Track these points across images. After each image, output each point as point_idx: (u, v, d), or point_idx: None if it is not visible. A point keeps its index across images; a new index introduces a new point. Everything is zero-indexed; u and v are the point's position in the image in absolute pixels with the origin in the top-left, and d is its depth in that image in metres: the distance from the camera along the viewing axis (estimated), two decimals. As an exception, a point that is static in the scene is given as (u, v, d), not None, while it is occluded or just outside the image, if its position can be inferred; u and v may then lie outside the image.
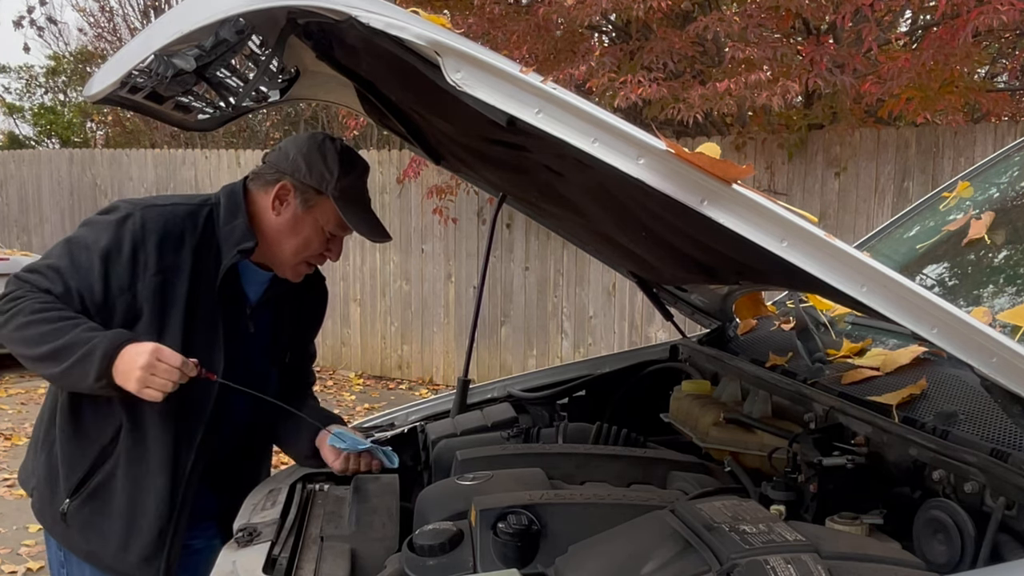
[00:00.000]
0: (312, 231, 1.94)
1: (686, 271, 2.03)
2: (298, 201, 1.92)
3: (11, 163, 11.77)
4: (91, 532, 1.89)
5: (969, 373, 1.21)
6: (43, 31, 14.89)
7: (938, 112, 5.98)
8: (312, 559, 1.61)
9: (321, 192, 1.91)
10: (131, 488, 1.87)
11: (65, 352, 1.72)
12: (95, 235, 1.84)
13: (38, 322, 1.74)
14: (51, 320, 1.75)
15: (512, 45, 6.44)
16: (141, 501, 1.87)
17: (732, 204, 1.11)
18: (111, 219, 1.86)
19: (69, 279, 1.81)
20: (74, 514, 1.89)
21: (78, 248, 1.84)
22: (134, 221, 1.84)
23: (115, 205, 1.90)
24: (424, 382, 8.22)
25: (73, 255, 1.83)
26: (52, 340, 1.73)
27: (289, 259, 1.97)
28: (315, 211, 1.93)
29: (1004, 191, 2.33)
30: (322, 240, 1.96)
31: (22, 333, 1.75)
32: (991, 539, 1.23)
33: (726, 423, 1.90)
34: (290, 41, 1.51)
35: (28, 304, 1.76)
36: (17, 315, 1.76)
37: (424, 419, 2.36)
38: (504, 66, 1.09)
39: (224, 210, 1.93)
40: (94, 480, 1.89)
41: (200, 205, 1.93)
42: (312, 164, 1.91)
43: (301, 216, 1.93)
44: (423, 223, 8.09)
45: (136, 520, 1.88)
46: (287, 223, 1.94)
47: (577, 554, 1.32)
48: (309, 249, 1.97)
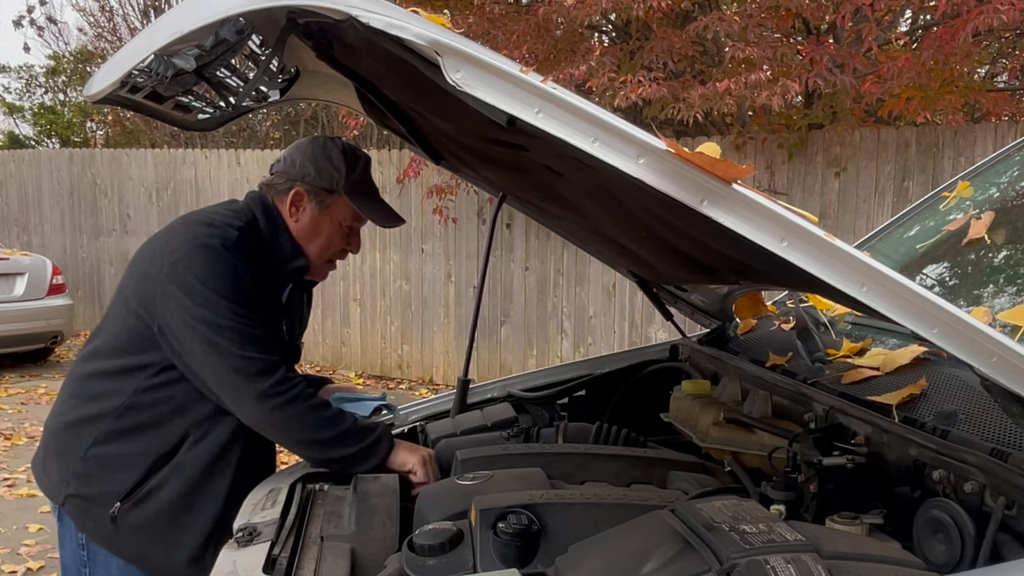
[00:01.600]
0: (332, 229, 2.03)
1: (686, 271, 2.03)
2: (314, 204, 2.00)
3: (11, 163, 11.76)
4: (142, 535, 1.91)
5: (969, 373, 1.21)
6: (43, 31, 14.89)
7: (938, 112, 5.98)
8: (312, 559, 1.61)
9: (333, 191, 1.99)
10: (189, 494, 1.90)
11: (346, 439, 1.86)
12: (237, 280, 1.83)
13: (317, 406, 1.85)
14: (321, 406, 1.86)
15: (512, 45, 6.43)
16: (200, 505, 1.91)
17: (732, 204, 1.11)
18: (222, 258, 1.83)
19: (261, 332, 1.85)
20: (124, 516, 1.90)
21: (242, 301, 1.83)
22: (236, 259, 1.84)
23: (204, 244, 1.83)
24: (424, 382, 8.22)
25: (249, 308, 1.83)
26: (334, 426, 1.85)
27: (316, 260, 2.05)
28: (331, 210, 2.01)
29: (1004, 191, 2.33)
30: (342, 236, 2.06)
31: (306, 418, 1.83)
32: (991, 539, 1.23)
33: (726, 423, 1.90)
34: (290, 41, 1.51)
35: (300, 390, 1.83)
36: (296, 400, 1.82)
37: (424, 419, 2.36)
38: (504, 66, 1.09)
39: (265, 226, 1.97)
40: (149, 484, 1.90)
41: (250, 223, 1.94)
42: (320, 167, 1.98)
43: (319, 218, 2.01)
44: (423, 223, 8.09)
45: (190, 524, 1.91)
46: (307, 227, 2.01)
47: (577, 554, 1.32)
48: (332, 247, 2.06)
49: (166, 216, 9.55)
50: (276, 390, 1.81)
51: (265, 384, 1.80)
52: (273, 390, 1.81)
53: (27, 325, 8.18)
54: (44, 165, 11.35)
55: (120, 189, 10.44)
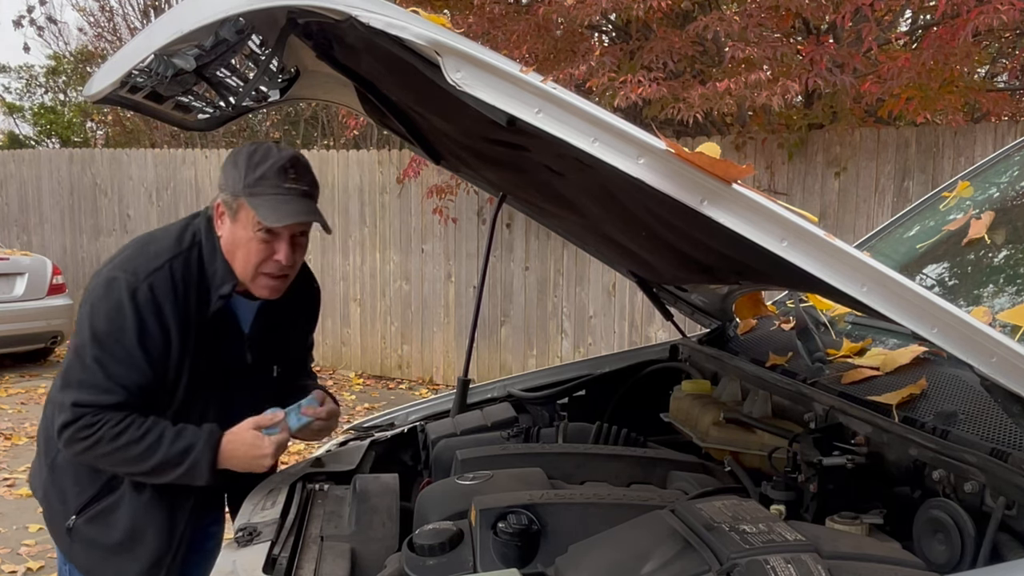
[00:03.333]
0: (245, 239, 1.85)
1: (686, 271, 2.03)
2: (228, 214, 1.87)
3: (11, 163, 11.76)
4: (92, 551, 1.94)
5: (969, 373, 1.21)
6: (43, 31, 14.87)
7: (938, 112, 5.98)
8: (312, 559, 1.61)
9: (238, 196, 1.84)
10: (134, 517, 1.91)
11: (164, 468, 1.82)
12: (117, 323, 1.80)
13: (126, 445, 1.79)
14: (135, 442, 1.79)
15: (512, 45, 6.43)
16: (141, 531, 1.91)
17: (732, 204, 1.11)
18: (119, 298, 1.80)
19: (122, 379, 1.80)
20: (79, 530, 1.94)
21: (111, 344, 1.80)
22: (143, 293, 1.80)
23: (113, 278, 1.82)
24: (424, 382, 8.22)
25: (111, 354, 1.80)
26: (147, 459, 1.80)
27: (246, 275, 1.89)
28: (240, 218, 1.85)
29: (1004, 191, 2.33)
30: (259, 246, 1.85)
31: (114, 457, 1.81)
32: (991, 539, 1.23)
33: (726, 423, 1.90)
34: (290, 41, 1.51)
35: (105, 431, 1.78)
36: (99, 442, 1.79)
37: (424, 419, 2.36)
38: (504, 66, 1.09)
39: (207, 250, 1.89)
40: (103, 502, 1.92)
41: (189, 249, 1.88)
42: (226, 174, 1.87)
43: (233, 228, 1.87)
44: (423, 223, 8.09)
45: (134, 548, 1.92)
46: (228, 240, 1.88)
47: (577, 554, 1.32)
48: (254, 258, 1.86)
49: (166, 216, 9.55)
50: (77, 435, 1.79)
51: (66, 433, 1.80)
52: (74, 436, 1.80)
53: (27, 325, 8.19)
54: (44, 165, 11.34)
55: (120, 189, 10.44)
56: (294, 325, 2.14)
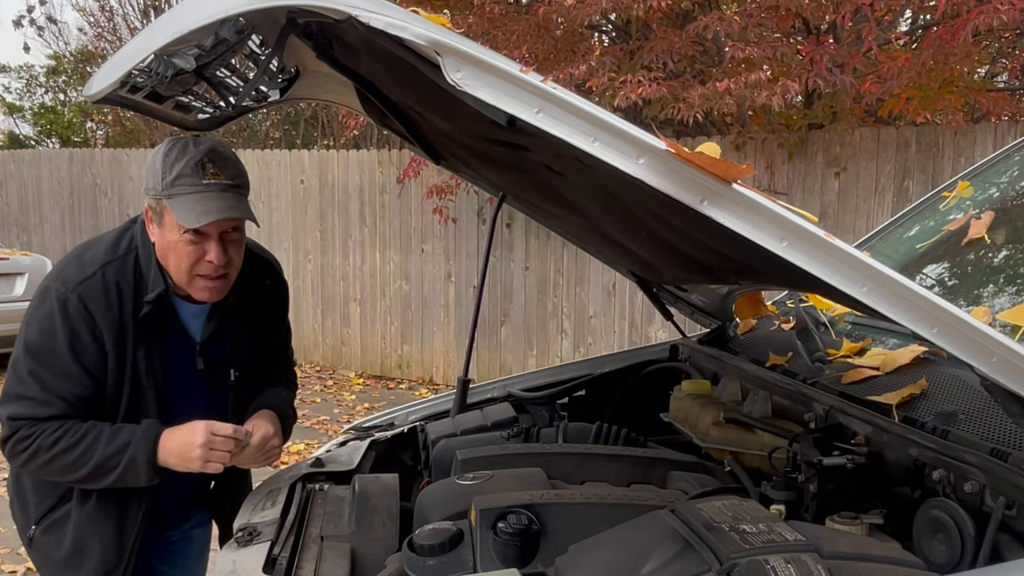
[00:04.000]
0: (173, 242, 1.79)
1: (686, 271, 2.03)
2: (155, 219, 1.81)
3: (11, 163, 11.76)
4: (47, 562, 1.96)
5: (969, 373, 1.21)
6: (43, 31, 14.88)
7: (938, 112, 5.97)
8: (312, 559, 1.61)
9: (160, 199, 1.77)
10: (79, 528, 1.89)
11: (102, 471, 1.78)
12: (48, 334, 1.78)
13: (61, 452, 1.77)
14: (70, 448, 1.77)
15: (512, 45, 6.43)
16: (87, 543, 1.89)
17: (732, 204, 1.11)
18: (50, 309, 1.78)
19: (59, 391, 1.78)
20: (38, 540, 1.95)
21: (44, 355, 1.78)
22: (73, 303, 1.77)
23: (45, 288, 1.82)
24: (424, 382, 8.22)
25: (45, 365, 1.78)
26: (84, 464, 1.77)
27: (181, 279, 1.83)
28: (166, 221, 1.79)
29: (1004, 191, 2.33)
30: (188, 248, 1.78)
31: (53, 466, 1.78)
32: (991, 539, 1.23)
33: (726, 423, 1.90)
34: (290, 41, 1.50)
35: (41, 440, 1.77)
36: (37, 453, 1.77)
37: (424, 419, 2.36)
38: (504, 66, 1.09)
39: (143, 255, 1.85)
40: (57, 512, 1.92)
41: (126, 255, 1.84)
42: (147, 176, 1.80)
43: (161, 232, 1.81)
44: (423, 223, 8.09)
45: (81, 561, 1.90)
46: (160, 245, 1.82)
47: (577, 554, 1.32)
48: (185, 261, 1.80)
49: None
50: (16, 448, 1.79)
51: (7, 447, 1.80)
52: (14, 449, 1.79)
53: (27, 325, 8.18)
54: (44, 165, 11.34)
55: (120, 189, 10.44)
56: (252, 326, 2.03)
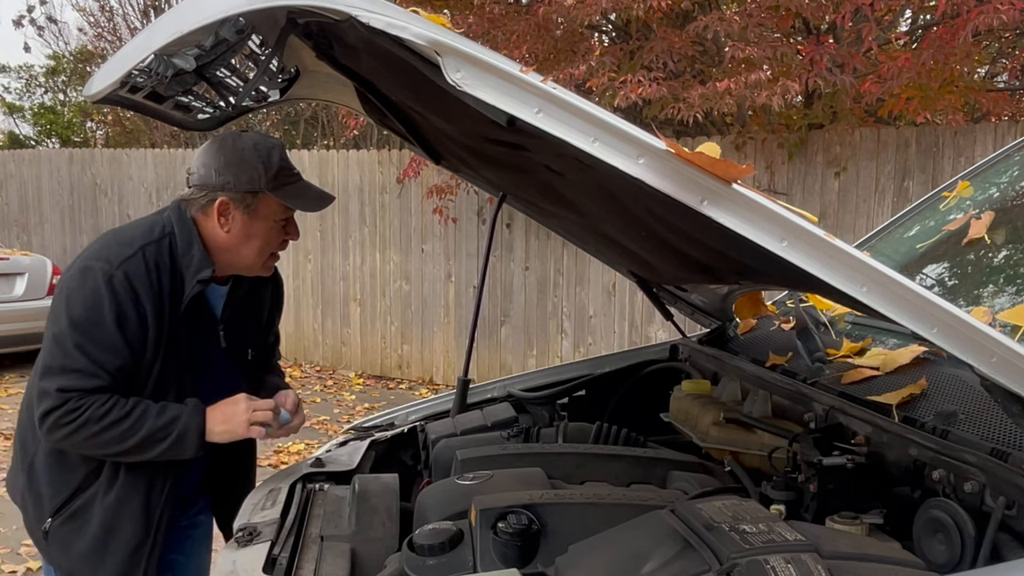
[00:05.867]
0: (266, 229, 1.99)
1: (686, 271, 2.03)
2: (241, 210, 1.95)
3: (11, 163, 11.76)
4: (69, 550, 1.97)
5: (969, 373, 1.21)
6: (43, 30, 14.87)
7: (938, 112, 5.97)
8: (312, 559, 1.61)
9: (257, 192, 1.93)
10: (108, 511, 1.94)
11: (151, 441, 1.86)
12: (95, 310, 1.85)
13: (112, 424, 1.83)
14: (123, 418, 1.84)
15: (512, 45, 6.43)
16: (117, 523, 1.94)
17: (732, 204, 1.11)
18: (96, 286, 1.85)
19: (105, 364, 1.85)
20: (55, 533, 1.96)
21: (90, 329, 1.84)
22: (119, 279, 1.85)
23: (87, 266, 1.88)
24: (424, 382, 8.22)
25: (92, 339, 1.84)
26: (133, 435, 1.85)
27: (256, 261, 2.03)
28: (260, 211, 1.96)
29: (1004, 191, 2.33)
30: (279, 231, 2.02)
31: (101, 437, 1.84)
32: (991, 539, 1.23)
33: (726, 423, 1.90)
34: (290, 41, 1.51)
35: (91, 412, 1.83)
36: (86, 424, 1.83)
37: (424, 419, 2.36)
38: (504, 66, 1.09)
39: (180, 240, 1.95)
40: (76, 502, 1.95)
41: (161, 239, 1.94)
42: (238, 172, 1.92)
43: (250, 222, 1.96)
44: (423, 223, 8.09)
45: (110, 542, 1.94)
46: (240, 234, 1.97)
47: (577, 554, 1.32)
48: (271, 244, 2.03)
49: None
50: (62, 420, 1.82)
51: (50, 419, 1.83)
52: (59, 420, 1.83)
53: (27, 325, 8.16)
54: (44, 165, 11.34)
55: (120, 189, 10.44)
56: (262, 309, 2.22)
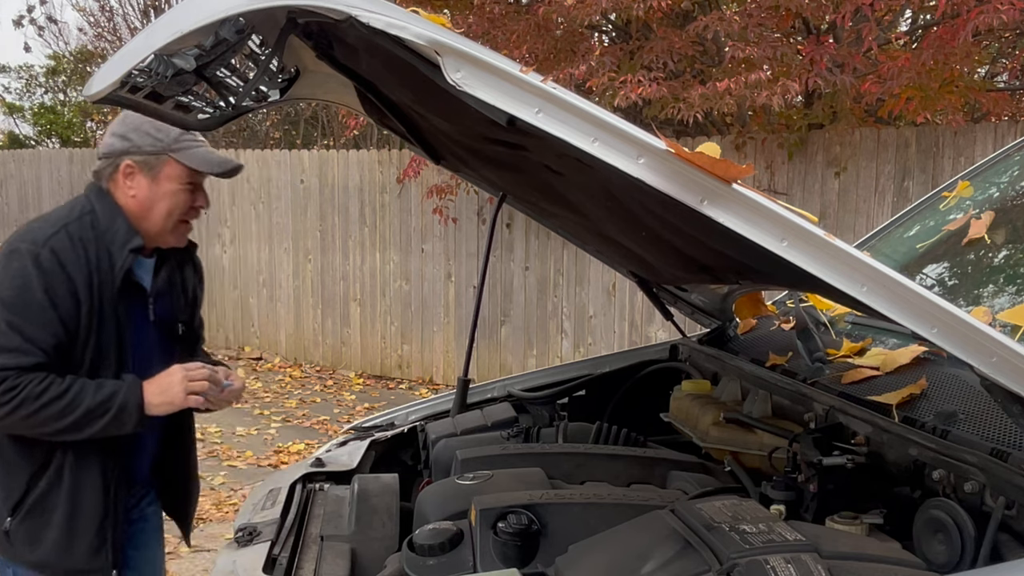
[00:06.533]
0: (171, 192, 2.03)
1: (686, 271, 2.03)
2: (144, 173, 2.01)
3: (11, 163, 11.76)
4: (35, 544, 2.00)
5: (969, 373, 1.21)
6: (43, 30, 14.87)
7: (938, 112, 5.97)
8: (312, 559, 1.61)
9: (160, 154, 2.00)
10: (68, 498, 1.97)
11: (91, 417, 1.89)
12: (24, 288, 1.88)
13: (50, 401, 1.86)
14: (59, 397, 1.87)
15: (512, 45, 6.43)
16: (79, 506, 1.98)
17: (732, 204, 1.11)
18: (23, 265, 1.89)
19: (38, 341, 1.87)
20: (16, 531, 1.99)
21: (22, 308, 1.87)
22: (45, 256, 1.89)
23: (13, 249, 1.92)
24: (424, 382, 8.22)
25: (24, 317, 1.87)
26: (72, 412, 1.87)
27: (165, 227, 2.06)
28: (163, 174, 2.02)
29: (1004, 191, 2.33)
30: (185, 196, 2.05)
31: (40, 416, 1.86)
32: (991, 539, 1.23)
33: (726, 423, 1.90)
34: (290, 41, 1.50)
35: (29, 390, 1.85)
36: (23, 404, 1.84)
37: (424, 419, 2.36)
38: (504, 66, 1.09)
39: (102, 215, 2.00)
40: (30, 499, 1.98)
41: (82, 216, 1.99)
42: (141, 136, 2.00)
43: (154, 185, 2.02)
44: (423, 223, 8.09)
45: (75, 524, 1.99)
46: (145, 197, 2.02)
47: (577, 554, 1.32)
48: (178, 208, 2.05)
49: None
50: (1, 400, 1.83)
51: None
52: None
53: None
54: (44, 165, 11.34)
55: (120, 189, 10.43)
56: (187, 285, 2.26)
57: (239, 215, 9.16)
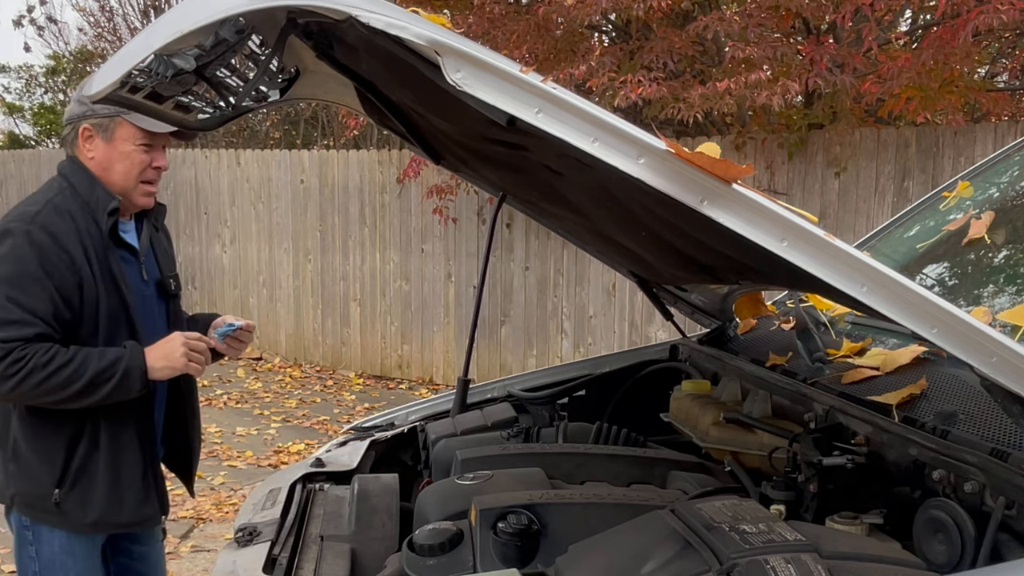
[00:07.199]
0: (126, 152, 2.12)
1: (686, 271, 2.03)
2: (101, 135, 2.12)
3: (11, 163, 11.76)
4: (87, 506, 2.10)
5: (969, 373, 1.21)
6: (43, 30, 14.87)
7: (938, 112, 5.97)
8: (312, 559, 1.61)
9: (113, 116, 2.09)
10: (109, 458, 2.10)
11: (96, 383, 1.99)
12: (19, 262, 1.98)
13: (57, 369, 1.96)
14: (66, 363, 1.97)
15: (512, 45, 6.43)
16: (120, 463, 2.12)
17: (732, 204, 1.11)
18: (15, 242, 2.00)
19: (38, 311, 1.97)
20: (66, 497, 2.09)
21: (20, 282, 1.97)
22: (35, 231, 2.00)
23: (5, 230, 2.02)
24: (424, 382, 8.22)
25: (22, 290, 1.97)
26: (79, 379, 1.97)
27: (128, 186, 2.15)
28: (117, 135, 2.12)
29: (1004, 191, 2.33)
30: (140, 156, 2.13)
31: (48, 384, 1.96)
32: (991, 539, 1.23)
33: (726, 423, 1.90)
34: (290, 41, 1.50)
35: (36, 360, 1.95)
36: (32, 372, 1.94)
37: (424, 419, 2.37)
38: (504, 66, 1.09)
39: (80, 186, 2.11)
40: (73, 465, 2.09)
41: (61, 191, 2.10)
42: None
43: (110, 146, 2.12)
44: (423, 223, 8.09)
45: (120, 480, 2.12)
46: (103, 158, 2.12)
47: (577, 554, 1.32)
48: (136, 168, 2.14)
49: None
50: (8, 372, 1.93)
51: None
52: (5, 372, 1.94)
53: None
54: (44, 165, 11.33)
55: (120, 189, 10.43)
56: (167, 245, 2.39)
57: (239, 215, 9.16)
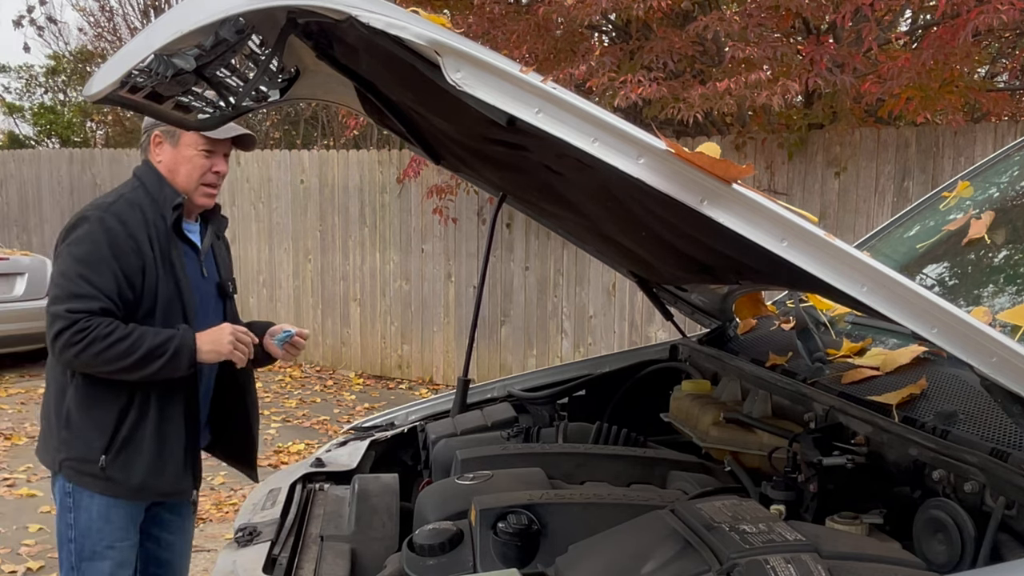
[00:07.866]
0: (190, 156, 2.33)
1: (686, 271, 2.03)
2: (168, 141, 2.34)
3: (11, 163, 11.76)
4: (130, 472, 2.26)
5: (969, 373, 1.21)
6: (43, 30, 14.88)
7: (938, 112, 5.97)
8: (312, 559, 1.61)
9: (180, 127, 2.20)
10: (156, 428, 2.26)
11: (150, 357, 2.16)
12: (93, 244, 2.19)
13: (116, 341, 2.14)
14: (124, 337, 2.15)
15: (512, 45, 6.43)
16: (166, 434, 2.28)
17: (732, 204, 1.11)
18: (91, 228, 2.20)
19: (105, 289, 2.17)
20: (111, 464, 2.24)
21: (91, 261, 2.18)
22: (109, 219, 2.21)
23: (83, 216, 2.23)
24: (424, 382, 8.22)
25: (93, 269, 2.17)
26: (135, 352, 2.15)
27: (190, 187, 2.35)
28: (183, 141, 2.33)
29: (1004, 191, 2.33)
30: (202, 161, 2.34)
31: (106, 354, 2.14)
32: (991, 539, 1.23)
33: (726, 423, 1.90)
34: (290, 41, 1.50)
35: (97, 331, 2.13)
36: (93, 342, 2.12)
37: (424, 419, 2.37)
38: (504, 66, 1.09)
39: (150, 184, 2.32)
40: (122, 432, 2.24)
41: (135, 188, 2.32)
42: None
43: (176, 151, 2.34)
44: (423, 223, 8.09)
45: (163, 450, 2.28)
46: (170, 161, 2.34)
47: (577, 554, 1.32)
48: (198, 171, 2.35)
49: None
50: (72, 340, 2.12)
51: (62, 339, 2.13)
52: (70, 340, 2.12)
53: (27, 325, 8.15)
54: (44, 165, 11.34)
55: (120, 189, 10.42)
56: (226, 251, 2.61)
57: (239, 215, 9.15)
